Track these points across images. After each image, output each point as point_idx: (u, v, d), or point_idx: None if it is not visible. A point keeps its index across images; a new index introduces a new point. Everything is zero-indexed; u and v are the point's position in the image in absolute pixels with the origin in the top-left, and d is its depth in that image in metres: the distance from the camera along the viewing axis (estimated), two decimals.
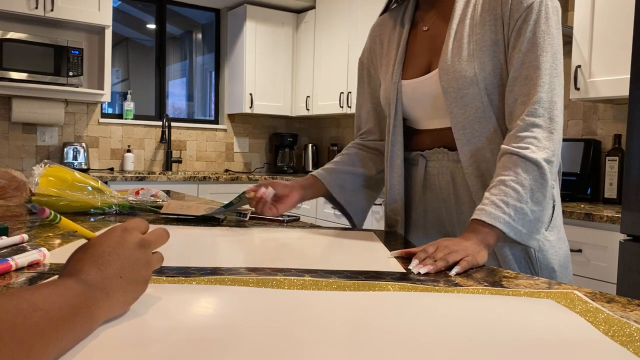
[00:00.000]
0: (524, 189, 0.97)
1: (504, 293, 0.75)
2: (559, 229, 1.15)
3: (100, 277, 0.54)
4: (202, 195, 3.81)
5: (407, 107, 1.19)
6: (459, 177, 1.14)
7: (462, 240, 0.91)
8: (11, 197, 1.47)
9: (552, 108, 1.01)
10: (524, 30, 1.04)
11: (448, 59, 1.09)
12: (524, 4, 1.04)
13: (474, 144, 1.09)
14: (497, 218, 0.94)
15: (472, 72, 1.07)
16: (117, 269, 0.55)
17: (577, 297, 0.73)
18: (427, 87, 1.14)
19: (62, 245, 0.98)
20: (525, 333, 0.58)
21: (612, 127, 2.72)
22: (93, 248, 0.56)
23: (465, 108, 1.08)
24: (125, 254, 0.57)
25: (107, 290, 0.53)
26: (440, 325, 0.60)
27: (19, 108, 3.62)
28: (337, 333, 0.56)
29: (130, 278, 0.56)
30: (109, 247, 0.56)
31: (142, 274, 0.58)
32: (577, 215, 2.15)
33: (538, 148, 0.99)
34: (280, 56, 4.48)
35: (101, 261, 0.55)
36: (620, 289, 1.92)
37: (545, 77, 1.01)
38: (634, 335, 0.58)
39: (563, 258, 1.13)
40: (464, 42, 1.09)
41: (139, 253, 0.58)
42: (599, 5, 2.42)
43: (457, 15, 1.11)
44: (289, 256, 0.96)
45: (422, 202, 1.22)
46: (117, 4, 4.32)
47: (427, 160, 1.19)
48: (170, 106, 4.65)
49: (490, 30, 1.07)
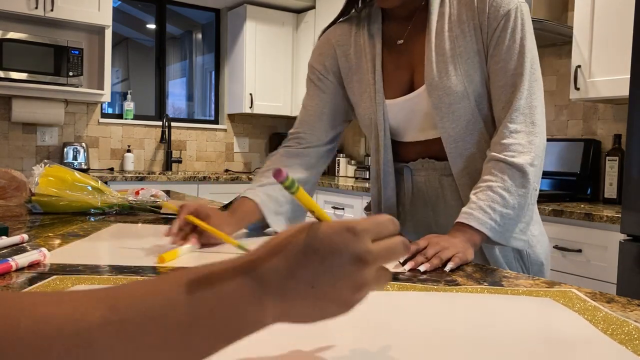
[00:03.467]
0: (510, 195, 1.01)
1: (502, 292, 0.75)
2: (539, 223, 1.18)
3: (284, 276, 0.41)
4: (202, 196, 3.81)
5: (392, 125, 1.17)
6: (447, 185, 1.15)
7: (450, 237, 0.95)
8: (11, 197, 1.47)
9: (533, 112, 1.04)
10: (502, 38, 1.05)
11: (434, 74, 1.08)
12: (501, 12, 1.05)
13: (465, 156, 1.11)
14: (484, 223, 0.98)
15: (462, 87, 1.07)
16: (312, 275, 0.42)
17: (575, 296, 0.73)
18: (415, 104, 1.12)
19: (62, 245, 0.98)
20: (524, 332, 0.58)
21: (612, 127, 2.72)
22: (297, 239, 0.43)
23: (457, 122, 1.09)
24: (334, 262, 0.42)
25: (284, 292, 0.41)
26: (439, 324, 0.60)
27: (19, 108, 3.62)
28: (337, 333, 0.56)
29: (325, 293, 0.42)
30: (318, 244, 0.42)
31: (344, 294, 0.43)
32: (577, 215, 2.15)
33: (522, 153, 1.02)
34: (280, 56, 4.48)
35: (297, 259, 0.42)
36: (620, 289, 1.92)
37: (525, 82, 1.04)
38: (632, 333, 0.58)
39: (547, 250, 1.18)
40: (447, 57, 1.07)
41: (352, 269, 0.42)
42: (599, 5, 2.42)
43: (434, 28, 1.09)
44: None
45: (411, 211, 1.22)
46: (117, 4, 4.32)
47: (412, 170, 1.19)
48: (170, 106, 4.65)
49: (472, 40, 1.07)
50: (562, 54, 2.92)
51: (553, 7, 2.82)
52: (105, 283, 0.73)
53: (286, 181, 0.42)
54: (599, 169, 2.71)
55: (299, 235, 0.43)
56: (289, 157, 1.24)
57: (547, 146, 1.09)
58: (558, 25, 2.67)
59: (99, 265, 0.83)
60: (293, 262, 0.42)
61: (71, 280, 0.73)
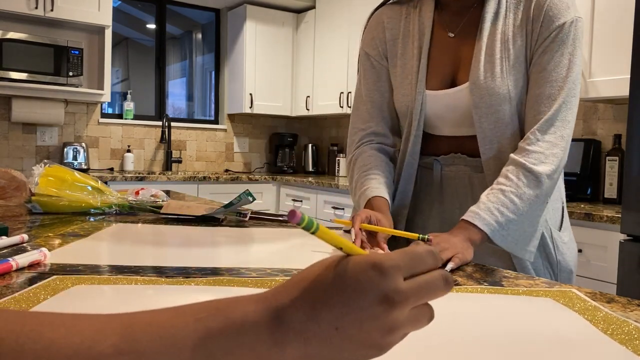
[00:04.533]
0: (521, 202, 1.00)
1: (502, 292, 0.75)
2: (569, 229, 1.17)
3: (306, 318, 0.38)
4: (202, 195, 3.81)
5: (429, 116, 1.15)
6: (477, 182, 1.14)
7: (450, 236, 0.95)
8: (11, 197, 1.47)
9: (565, 127, 1.04)
10: (551, 47, 1.04)
11: (481, 74, 1.07)
12: (556, 23, 1.04)
13: (499, 158, 1.09)
14: (488, 225, 0.98)
15: (506, 90, 1.06)
16: (336, 316, 0.38)
17: (575, 296, 0.73)
18: (455, 100, 1.12)
19: (63, 245, 0.98)
20: (524, 331, 0.58)
21: (612, 127, 2.72)
22: (322, 277, 0.40)
23: (496, 123, 1.08)
24: (359, 303, 0.38)
25: (306, 335, 0.38)
26: (438, 323, 0.60)
27: (19, 108, 3.62)
28: None
29: (351, 336, 0.38)
30: (343, 283, 0.39)
31: (373, 337, 0.39)
32: (577, 215, 2.15)
33: (544, 163, 1.01)
34: (280, 56, 4.48)
35: (320, 299, 0.39)
36: (620, 289, 1.92)
37: (564, 95, 1.03)
38: (632, 333, 0.58)
39: (575, 258, 1.16)
40: (496, 58, 1.07)
41: (379, 309, 0.38)
42: (599, 5, 2.42)
43: (487, 28, 1.09)
44: (289, 256, 0.96)
45: (438, 205, 1.20)
46: (117, 4, 4.32)
47: (441, 165, 1.18)
48: (170, 106, 4.65)
49: (522, 46, 1.07)
50: None
51: None
52: (106, 283, 0.73)
53: (302, 222, 0.38)
54: (599, 169, 2.71)
55: (324, 273, 0.40)
56: (381, 153, 1.22)
57: None
58: None
59: (99, 265, 0.83)
60: (316, 303, 0.39)
61: (71, 280, 0.73)
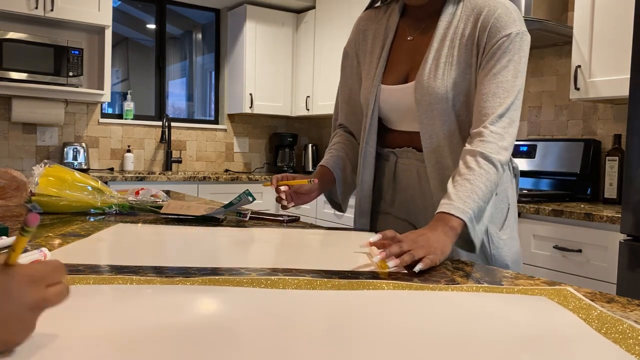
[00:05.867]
0: (486, 188, 1.06)
1: (497, 290, 0.75)
2: (511, 228, 1.27)
3: None
4: (202, 195, 3.81)
5: (383, 109, 1.28)
6: (424, 175, 1.25)
7: (428, 231, 0.97)
8: (11, 197, 1.47)
9: (511, 125, 1.13)
10: (497, 55, 1.13)
11: (425, 74, 1.19)
12: (502, 33, 1.13)
13: (438, 152, 1.20)
14: (464, 212, 1.02)
15: (444, 90, 1.17)
16: None
17: (570, 294, 0.73)
18: (403, 95, 1.23)
19: (62, 245, 0.98)
20: (518, 330, 0.58)
21: (612, 127, 2.72)
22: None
23: (434, 120, 1.19)
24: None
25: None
26: (434, 322, 0.60)
27: (19, 108, 3.62)
28: (334, 332, 0.56)
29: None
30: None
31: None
32: (577, 215, 2.15)
33: (499, 154, 1.10)
34: (280, 56, 4.48)
35: None
36: (620, 289, 1.92)
37: (514, 98, 1.13)
38: (626, 332, 0.58)
39: (515, 255, 1.26)
40: (441, 62, 1.18)
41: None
42: (599, 5, 2.42)
43: (439, 34, 1.20)
44: (289, 256, 0.96)
45: (390, 194, 1.33)
46: (117, 4, 4.32)
47: (397, 157, 1.30)
48: (170, 106, 4.65)
49: (467, 54, 1.17)
50: (562, 54, 2.92)
51: (553, 7, 2.82)
52: (105, 283, 0.73)
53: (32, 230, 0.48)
54: (599, 169, 2.71)
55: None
56: (349, 135, 1.44)
57: (547, 146, 1.14)
58: (558, 25, 2.66)
59: (99, 265, 0.84)
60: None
61: (71, 280, 0.73)
